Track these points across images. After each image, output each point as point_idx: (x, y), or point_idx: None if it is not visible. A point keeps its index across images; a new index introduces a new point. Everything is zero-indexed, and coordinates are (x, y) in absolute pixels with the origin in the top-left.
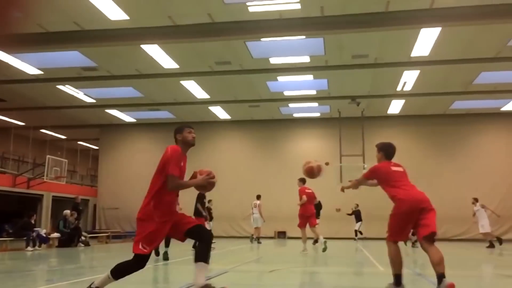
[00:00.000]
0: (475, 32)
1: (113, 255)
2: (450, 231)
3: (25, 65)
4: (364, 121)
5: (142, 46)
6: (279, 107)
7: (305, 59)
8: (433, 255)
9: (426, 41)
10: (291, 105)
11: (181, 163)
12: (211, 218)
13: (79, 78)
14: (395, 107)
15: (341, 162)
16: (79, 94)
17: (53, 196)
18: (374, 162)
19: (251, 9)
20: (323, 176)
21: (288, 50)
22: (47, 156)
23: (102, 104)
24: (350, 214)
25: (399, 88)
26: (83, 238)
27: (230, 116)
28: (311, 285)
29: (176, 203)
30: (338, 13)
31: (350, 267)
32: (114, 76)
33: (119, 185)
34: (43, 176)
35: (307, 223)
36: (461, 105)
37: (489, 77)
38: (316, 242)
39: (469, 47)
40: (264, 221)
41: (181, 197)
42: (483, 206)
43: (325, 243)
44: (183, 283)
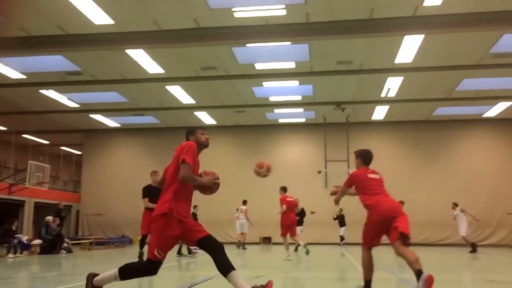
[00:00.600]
0: (457, 39)
1: (96, 262)
2: (433, 236)
3: (7, 69)
4: (349, 127)
5: (127, 50)
6: (264, 112)
7: (291, 65)
8: (408, 255)
9: (409, 48)
10: (276, 110)
11: (196, 158)
12: None
13: (62, 82)
14: (380, 113)
15: (326, 168)
16: (63, 99)
17: (35, 202)
18: None
19: (236, 15)
20: (305, 182)
21: (273, 56)
22: (29, 162)
23: (86, 109)
24: (335, 219)
25: (383, 94)
26: (65, 244)
27: (216, 121)
28: None
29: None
30: (323, 19)
31: (334, 273)
32: (98, 80)
33: (102, 191)
34: (25, 181)
35: (288, 232)
36: (443, 111)
37: (471, 84)
38: (297, 249)
39: (452, 54)
40: (252, 224)
41: None
42: (462, 211)
43: (306, 246)
44: None
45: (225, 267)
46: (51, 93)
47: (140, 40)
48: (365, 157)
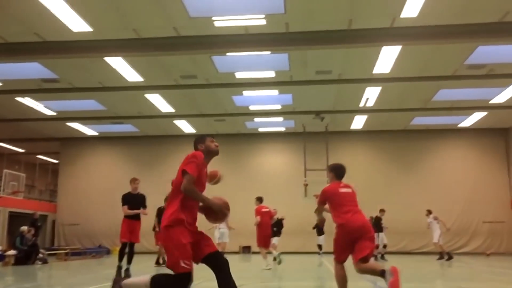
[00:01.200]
0: (433, 51)
1: (71, 273)
2: (410, 245)
3: None
4: (328, 136)
5: (106, 58)
6: (244, 121)
7: (270, 74)
8: (369, 267)
9: (387, 58)
10: (256, 119)
11: (202, 169)
12: None
13: (39, 90)
14: (358, 122)
15: (305, 177)
16: (39, 107)
17: (9, 212)
18: None
19: (216, 24)
20: (285, 190)
21: (253, 65)
22: (4, 170)
23: (63, 117)
24: (314, 228)
25: (361, 104)
26: (41, 255)
27: (195, 130)
28: None
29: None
30: (302, 29)
31: (312, 282)
32: (76, 88)
33: (79, 200)
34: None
35: (264, 242)
36: (420, 121)
37: (447, 94)
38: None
39: (428, 65)
40: (233, 228)
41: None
42: (435, 218)
43: (279, 255)
44: None
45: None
46: (27, 101)
47: (119, 48)
48: (337, 172)
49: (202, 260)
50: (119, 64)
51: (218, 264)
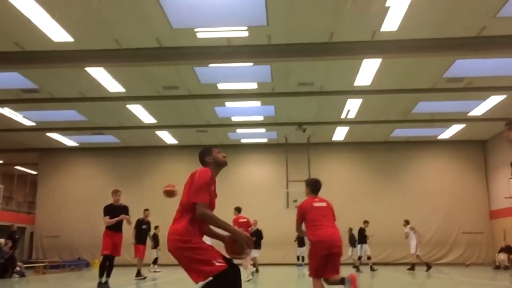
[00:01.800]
0: (413, 64)
1: (50, 286)
2: (392, 256)
3: None
4: (310, 147)
5: (87, 68)
6: (227, 132)
7: (253, 85)
8: (333, 278)
9: (368, 71)
10: (238, 130)
11: (211, 188)
12: (157, 245)
13: (18, 100)
14: (340, 134)
15: (287, 188)
16: (18, 117)
17: None
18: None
19: (199, 35)
20: (267, 202)
21: (236, 76)
22: None
23: (43, 128)
24: (296, 240)
25: (343, 116)
26: (18, 268)
27: (177, 141)
28: None
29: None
30: (284, 42)
31: None
32: (56, 98)
33: (59, 212)
34: None
35: None
36: (401, 133)
37: (426, 107)
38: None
39: (408, 78)
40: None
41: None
42: (412, 229)
43: (253, 273)
44: None
45: None
46: (6, 111)
47: (101, 58)
48: (313, 186)
49: None
50: (100, 75)
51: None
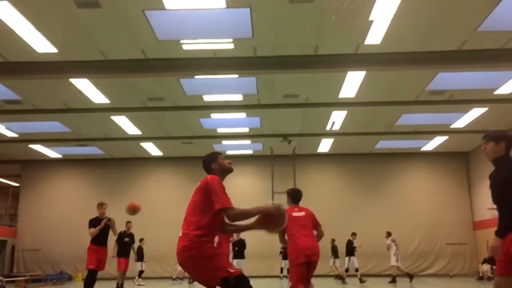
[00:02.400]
0: (396, 77)
1: None
2: (377, 267)
3: None
4: (295, 159)
5: (71, 79)
6: (212, 144)
7: (238, 97)
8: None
9: (352, 83)
10: (224, 142)
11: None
12: (142, 257)
13: (1, 111)
14: (325, 145)
15: (273, 199)
16: (1, 129)
17: None
18: (304, 199)
19: (185, 47)
20: None
21: (221, 88)
22: None
23: (26, 139)
24: (281, 252)
25: (328, 128)
26: None
27: (162, 152)
28: None
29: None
30: (270, 54)
31: None
32: (40, 110)
33: (41, 225)
34: None
35: None
36: (385, 144)
37: (410, 119)
38: None
39: (391, 90)
40: None
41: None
42: (393, 241)
43: None
44: None
45: None
46: None
47: (85, 69)
48: (293, 196)
49: (220, 283)
50: (84, 86)
51: None
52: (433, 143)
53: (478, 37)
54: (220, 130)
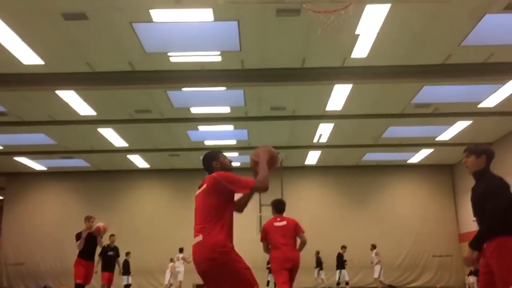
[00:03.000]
0: (382, 90)
1: None
2: (364, 280)
3: None
4: (282, 171)
5: (57, 91)
6: (199, 156)
7: (226, 109)
8: None
9: (339, 96)
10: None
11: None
12: (128, 271)
13: None
14: (312, 158)
15: (260, 212)
16: None
17: None
18: (292, 211)
19: (172, 59)
20: (239, 226)
21: (209, 100)
22: None
23: (10, 151)
24: (268, 265)
25: (315, 140)
26: None
27: (149, 165)
28: None
29: None
30: (257, 67)
31: None
32: (25, 122)
33: (25, 238)
34: None
35: None
36: (372, 157)
37: (396, 131)
38: None
39: (378, 103)
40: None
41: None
42: (376, 254)
43: None
44: None
45: None
46: None
47: (72, 81)
48: (276, 206)
49: None
50: (71, 98)
51: None
52: (419, 156)
53: (462, 51)
54: (208, 143)
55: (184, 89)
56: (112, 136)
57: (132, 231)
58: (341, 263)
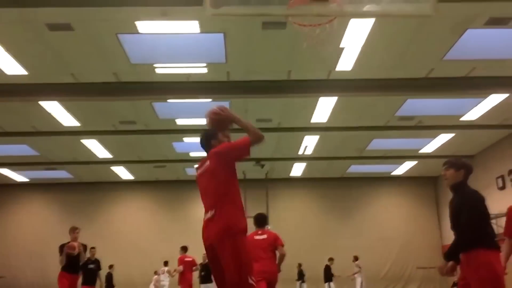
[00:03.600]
0: (367, 102)
1: None
2: None
3: None
4: (268, 183)
5: (40, 102)
6: (184, 168)
7: None
8: None
9: (324, 109)
10: (197, 166)
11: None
12: (112, 284)
13: None
14: (297, 169)
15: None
16: None
17: None
18: (279, 223)
19: (158, 71)
20: None
21: (194, 112)
22: None
23: None
24: None
25: (300, 152)
26: None
27: (134, 176)
28: None
29: None
30: (243, 79)
31: None
32: (7, 132)
33: (6, 252)
34: None
35: None
36: (356, 169)
37: (380, 144)
38: None
39: (362, 116)
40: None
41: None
42: (358, 266)
43: None
44: None
45: None
46: None
47: (55, 92)
48: (256, 220)
49: None
50: (54, 108)
51: None
52: (402, 168)
53: (445, 65)
54: (193, 154)
55: (169, 100)
56: (96, 147)
57: (116, 243)
58: (328, 275)
